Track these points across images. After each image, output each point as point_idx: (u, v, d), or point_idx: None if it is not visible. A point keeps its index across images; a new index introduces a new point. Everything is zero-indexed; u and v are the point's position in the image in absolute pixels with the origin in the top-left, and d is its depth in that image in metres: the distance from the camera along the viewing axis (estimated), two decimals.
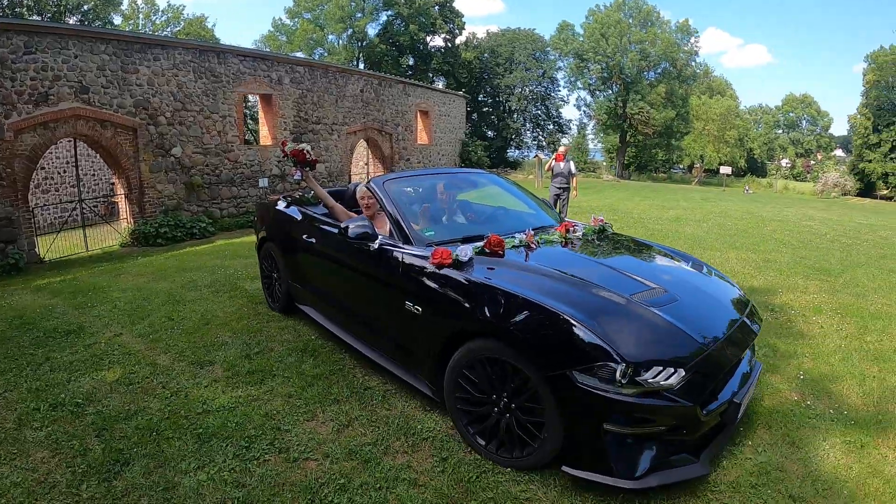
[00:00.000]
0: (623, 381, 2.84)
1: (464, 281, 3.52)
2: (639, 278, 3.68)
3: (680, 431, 3.04)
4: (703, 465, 3.09)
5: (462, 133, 28.98)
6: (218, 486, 2.94)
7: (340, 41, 49.19)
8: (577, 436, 2.99)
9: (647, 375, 2.87)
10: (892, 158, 45.32)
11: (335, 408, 3.74)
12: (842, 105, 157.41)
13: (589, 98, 55.65)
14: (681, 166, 61.90)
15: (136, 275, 7.77)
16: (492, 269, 3.61)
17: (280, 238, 5.61)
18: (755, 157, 70.24)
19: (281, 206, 5.74)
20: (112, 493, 2.90)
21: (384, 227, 4.32)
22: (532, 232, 4.21)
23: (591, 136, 60.81)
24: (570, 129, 58.97)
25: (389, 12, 48.22)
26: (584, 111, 57.53)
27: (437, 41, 51.01)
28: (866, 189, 46.68)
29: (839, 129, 73.91)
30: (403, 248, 3.97)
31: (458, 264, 3.60)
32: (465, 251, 3.65)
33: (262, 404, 3.78)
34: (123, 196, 13.28)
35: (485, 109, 54.85)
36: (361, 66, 47.30)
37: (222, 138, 14.72)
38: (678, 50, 51.12)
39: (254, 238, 11.46)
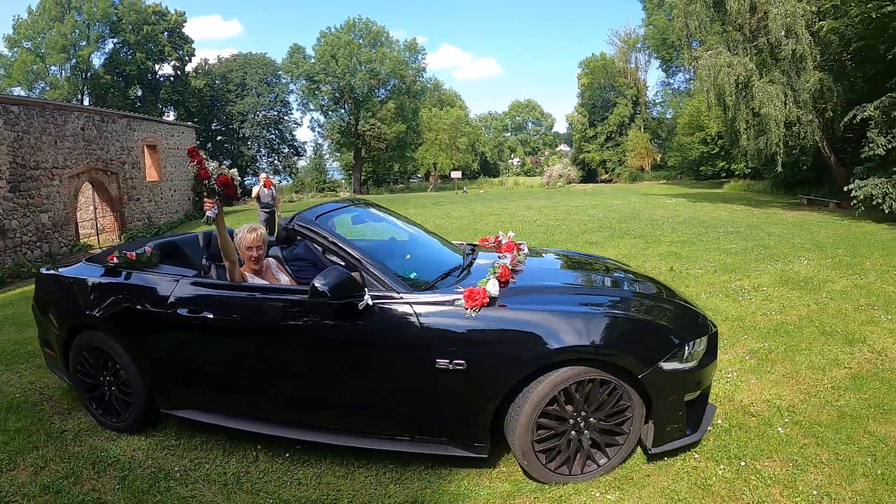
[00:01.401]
0: (686, 357, 3.26)
1: (528, 317, 3.20)
2: (625, 276, 4.16)
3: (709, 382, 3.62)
4: (712, 404, 3.75)
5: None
6: None
7: (63, 72, 43.46)
8: (663, 416, 3.25)
9: (691, 347, 3.30)
10: (607, 147, 52.92)
11: (34, 454, 4.00)
12: (565, 107, 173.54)
13: (322, 119, 55.87)
14: (418, 175, 64.50)
15: None
16: (517, 296, 3.44)
17: (123, 324, 3.98)
18: (488, 159, 76.11)
19: (98, 277, 4.18)
20: None
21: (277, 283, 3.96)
22: (515, 255, 4.09)
23: (326, 156, 61.54)
24: (304, 150, 59.01)
25: (116, 40, 44.00)
26: (319, 132, 57.76)
27: (166, 69, 47.94)
28: (589, 176, 53.80)
29: (562, 127, 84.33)
30: (414, 297, 3.30)
31: (492, 301, 3.22)
32: (494, 286, 3.25)
33: None
34: None
35: (219, 138, 52.73)
36: (87, 100, 42.28)
37: None
38: (407, 67, 53.03)
39: None
